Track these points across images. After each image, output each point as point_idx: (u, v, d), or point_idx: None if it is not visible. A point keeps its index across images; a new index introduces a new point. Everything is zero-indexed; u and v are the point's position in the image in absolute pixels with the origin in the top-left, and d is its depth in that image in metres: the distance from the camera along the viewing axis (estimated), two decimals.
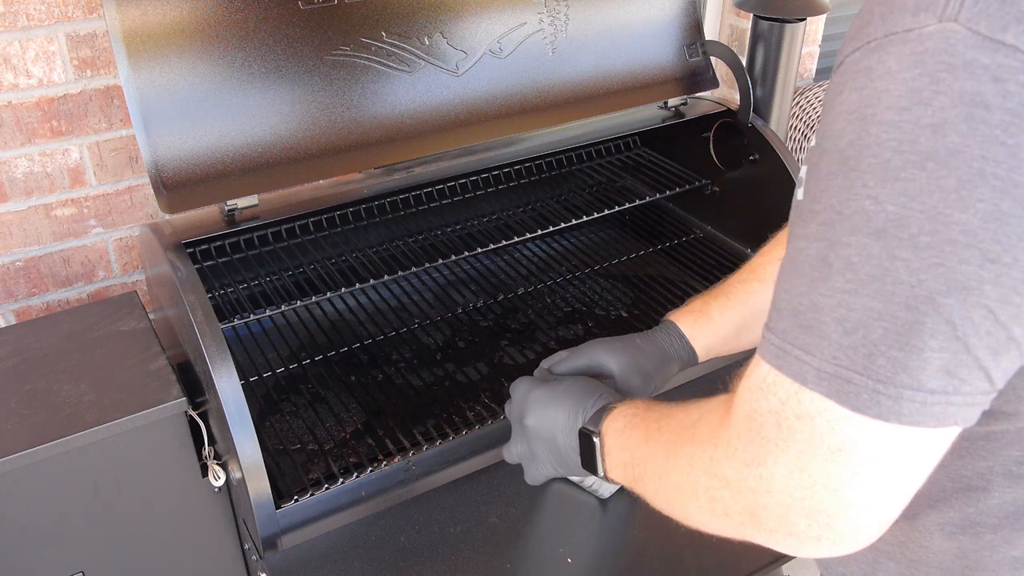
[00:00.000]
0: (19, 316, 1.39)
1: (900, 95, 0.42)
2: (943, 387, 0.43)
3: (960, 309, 0.42)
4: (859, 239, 0.44)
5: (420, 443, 1.07)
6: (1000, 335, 0.43)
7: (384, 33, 1.14)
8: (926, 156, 0.41)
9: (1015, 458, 0.52)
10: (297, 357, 1.27)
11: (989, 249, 0.41)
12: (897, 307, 0.43)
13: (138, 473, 1.07)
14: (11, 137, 1.26)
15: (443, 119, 1.20)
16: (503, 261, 1.52)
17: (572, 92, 1.31)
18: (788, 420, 0.48)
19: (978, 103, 0.40)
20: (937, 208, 0.41)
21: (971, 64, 0.40)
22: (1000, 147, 0.40)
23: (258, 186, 1.09)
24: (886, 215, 0.42)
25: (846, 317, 0.44)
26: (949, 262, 0.41)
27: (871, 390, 0.44)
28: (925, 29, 0.42)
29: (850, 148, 0.44)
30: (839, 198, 0.45)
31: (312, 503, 0.99)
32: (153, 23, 1.00)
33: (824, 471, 0.47)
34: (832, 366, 0.45)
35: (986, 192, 0.40)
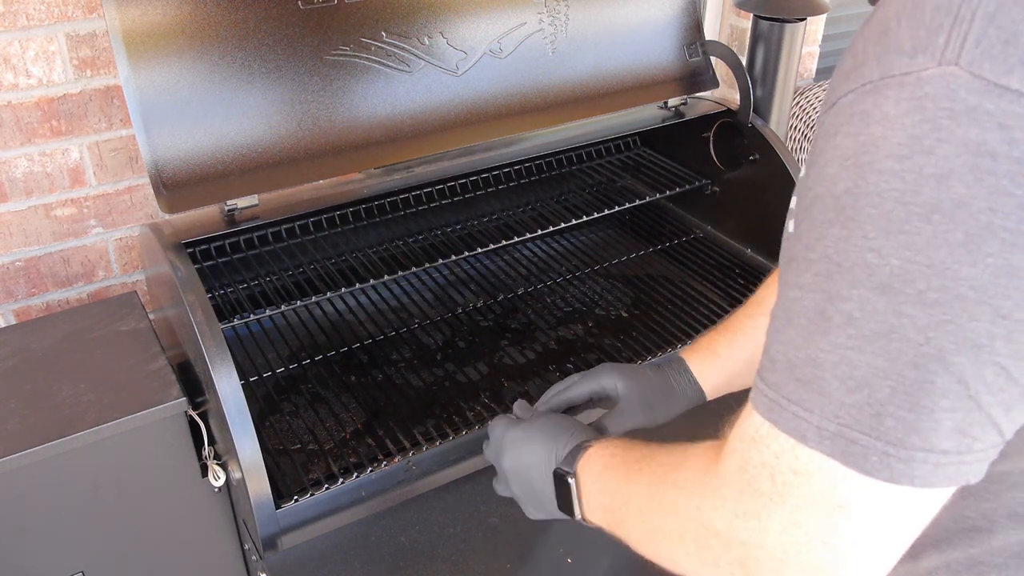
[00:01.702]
0: (19, 316, 1.39)
1: (900, 143, 0.40)
2: (956, 447, 0.42)
3: (971, 367, 0.40)
4: (861, 293, 0.42)
5: (420, 443, 1.07)
6: (1013, 390, 0.41)
7: (384, 33, 1.14)
8: (931, 208, 0.39)
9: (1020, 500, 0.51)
10: (297, 357, 1.27)
11: (1000, 305, 0.39)
12: (904, 366, 0.41)
13: (138, 473, 1.07)
14: (11, 137, 1.26)
15: (443, 119, 1.20)
16: (503, 261, 1.52)
17: (572, 92, 1.31)
18: (783, 475, 0.46)
19: (983, 152, 0.38)
20: (945, 263, 0.39)
21: (975, 110, 0.38)
22: (1008, 198, 0.38)
23: (258, 186, 1.09)
24: (890, 269, 0.41)
25: (849, 375, 0.43)
26: (959, 319, 0.40)
27: (880, 452, 0.42)
28: (924, 72, 0.40)
29: (847, 196, 0.42)
30: (836, 248, 0.43)
31: (312, 503, 0.99)
32: (153, 23, 1.00)
33: (822, 527, 0.45)
34: (835, 425, 0.43)
35: (995, 246, 0.39)
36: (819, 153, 0.45)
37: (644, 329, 1.33)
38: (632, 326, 1.35)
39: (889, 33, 0.42)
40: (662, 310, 1.37)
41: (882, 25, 0.43)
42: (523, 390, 1.22)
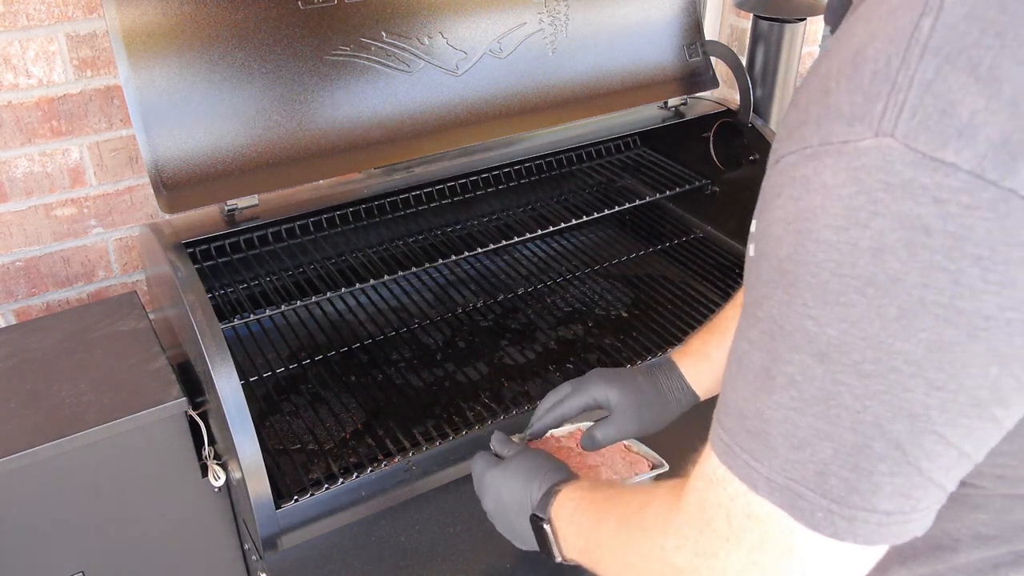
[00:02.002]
0: (19, 316, 1.39)
1: (837, 214, 0.40)
2: (899, 507, 0.43)
3: (908, 435, 0.41)
4: (802, 358, 0.42)
5: (420, 443, 1.07)
6: (951, 454, 0.42)
7: (384, 33, 1.14)
8: (866, 282, 0.39)
9: (983, 520, 0.52)
10: (297, 357, 1.27)
11: (934, 378, 0.39)
12: (844, 430, 0.42)
13: (138, 473, 1.07)
14: (11, 137, 1.26)
15: (443, 119, 1.20)
16: (503, 261, 1.52)
17: (572, 92, 1.31)
18: (738, 518, 0.47)
19: (918, 227, 0.38)
20: (879, 336, 0.40)
21: (910, 184, 0.37)
22: (942, 273, 0.38)
23: (258, 186, 1.09)
24: (828, 339, 0.41)
25: (793, 433, 0.43)
26: (894, 390, 0.40)
27: (825, 509, 0.43)
28: (861, 143, 0.39)
29: (788, 261, 0.42)
30: (779, 312, 0.43)
31: (312, 503, 0.99)
32: (153, 23, 1.00)
33: (778, 568, 0.46)
34: (783, 478, 0.44)
35: (928, 321, 0.38)
36: (765, 208, 0.45)
37: (644, 329, 1.33)
38: (632, 326, 1.35)
39: (830, 94, 0.41)
40: (662, 310, 1.37)
41: (824, 83, 0.42)
42: (523, 390, 1.22)
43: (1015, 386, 0.40)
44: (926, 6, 0.39)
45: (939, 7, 0.38)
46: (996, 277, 0.37)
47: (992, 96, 0.37)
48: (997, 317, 0.38)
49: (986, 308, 0.38)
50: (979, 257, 0.37)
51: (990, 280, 0.37)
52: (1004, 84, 0.36)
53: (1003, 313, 0.38)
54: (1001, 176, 0.36)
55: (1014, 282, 0.37)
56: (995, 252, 0.37)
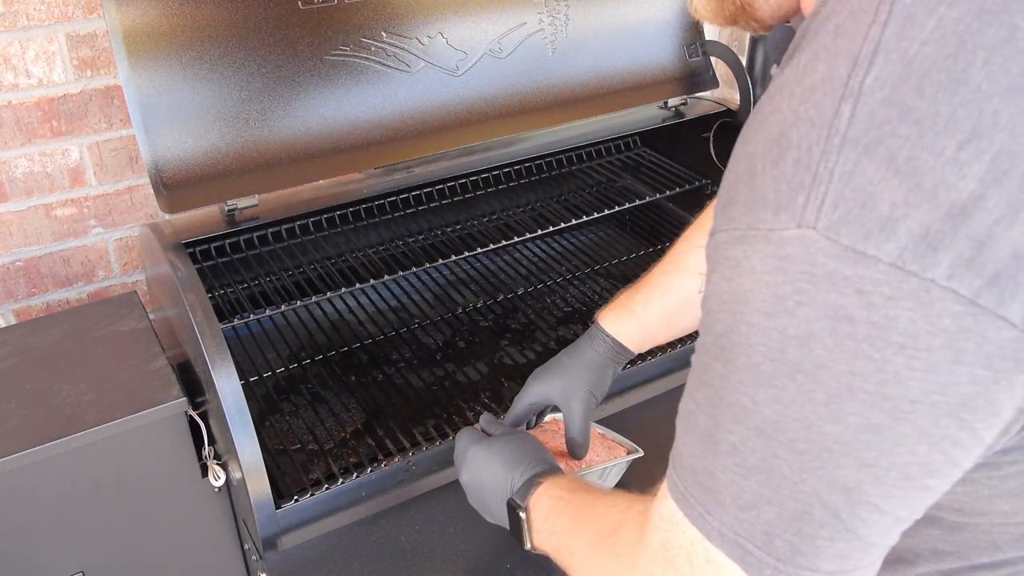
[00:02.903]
0: (19, 316, 1.39)
1: (765, 300, 0.41)
2: (841, 567, 0.44)
3: (844, 506, 0.42)
4: (741, 430, 0.44)
5: (420, 443, 1.07)
6: (887, 520, 0.43)
7: (384, 33, 1.14)
8: (794, 368, 0.40)
9: (938, 536, 0.53)
10: (297, 357, 1.27)
11: (864, 456, 0.40)
12: (785, 497, 0.43)
13: (138, 473, 1.07)
14: (11, 137, 1.26)
15: (443, 119, 1.20)
16: (503, 261, 1.52)
17: (572, 92, 1.31)
18: (699, 561, 0.48)
19: (842, 317, 0.38)
20: (809, 419, 0.41)
21: (832, 275, 0.38)
22: (867, 361, 0.38)
23: (258, 186, 1.09)
24: (763, 416, 0.42)
25: (739, 495, 0.44)
26: (827, 467, 0.41)
27: (772, 567, 0.44)
28: (785, 233, 0.40)
29: (724, 338, 0.44)
30: (720, 383, 0.44)
31: (312, 503, 0.99)
32: (153, 23, 1.00)
33: None
34: (732, 534, 0.45)
35: (855, 406, 0.39)
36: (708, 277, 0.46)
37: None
38: None
39: (756, 177, 0.42)
40: None
41: (751, 163, 0.43)
42: None
43: (945, 460, 0.40)
44: (846, 89, 0.39)
45: (859, 91, 0.38)
46: (920, 364, 0.38)
47: (911, 189, 0.37)
48: (922, 401, 0.38)
49: (911, 393, 0.38)
50: (903, 346, 0.38)
51: (914, 367, 0.38)
52: (923, 176, 0.37)
53: (928, 397, 0.38)
54: (922, 268, 0.37)
55: (937, 368, 0.38)
56: (918, 340, 0.37)
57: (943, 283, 0.37)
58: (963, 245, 0.36)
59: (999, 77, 0.37)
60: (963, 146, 0.37)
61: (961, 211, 0.36)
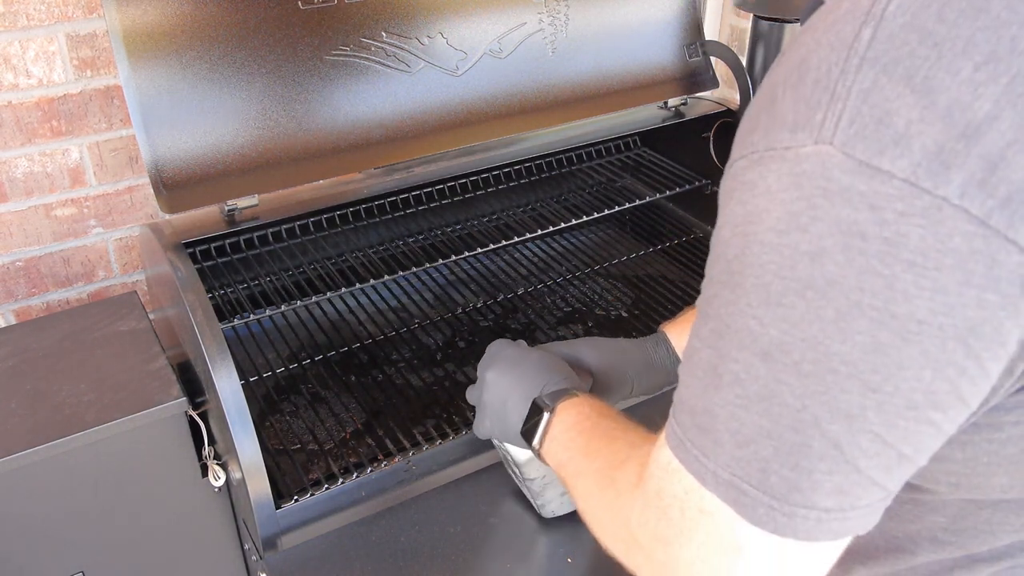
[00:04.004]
0: (19, 316, 1.39)
1: (779, 217, 0.41)
2: (838, 504, 0.43)
3: (846, 435, 0.41)
4: (746, 357, 0.43)
5: (420, 443, 1.07)
6: (890, 454, 0.42)
7: (384, 33, 1.14)
8: (805, 284, 0.40)
9: (940, 524, 0.53)
10: (297, 357, 1.27)
11: (869, 379, 0.40)
12: (784, 428, 0.42)
13: (138, 473, 1.07)
14: (11, 137, 1.26)
15: (443, 119, 1.20)
16: (503, 261, 1.52)
17: (572, 92, 1.31)
18: (691, 511, 0.47)
19: (854, 232, 0.39)
20: (817, 338, 0.41)
21: (847, 190, 0.39)
22: (876, 278, 0.39)
23: (258, 186, 1.09)
24: (769, 339, 0.42)
25: (738, 431, 0.44)
26: (831, 391, 0.41)
27: (766, 505, 0.44)
28: (802, 149, 0.40)
29: (735, 262, 0.44)
30: (727, 311, 0.44)
31: (312, 503, 0.99)
32: (153, 23, 1.00)
33: (726, 566, 0.47)
34: (727, 474, 0.45)
35: (863, 324, 0.39)
36: (720, 212, 0.46)
37: (644, 329, 1.33)
38: (632, 326, 1.35)
39: (776, 102, 0.43)
40: (662, 310, 1.37)
41: (772, 91, 0.43)
42: None
43: (950, 390, 0.40)
44: (868, 15, 0.40)
45: (880, 16, 0.39)
46: (928, 283, 0.38)
47: (927, 107, 0.37)
48: (930, 322, 0.38)
49: (919, 313, 0.38)
50: (912, 263, 0.38)
51: (923, 286, 0.38)
52: (939, 95, 0.37)
53: (935, 318, 0.38)
54: (934, 185, 0.37)
55: (945, 289, 0.38)
56: (928, 259, 0.38)
57: (955, 201, 0.37)
58: (975, 165, 0.37)
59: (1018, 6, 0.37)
60: (980, 68, 0.37)
61: (975, 131, 0.37)
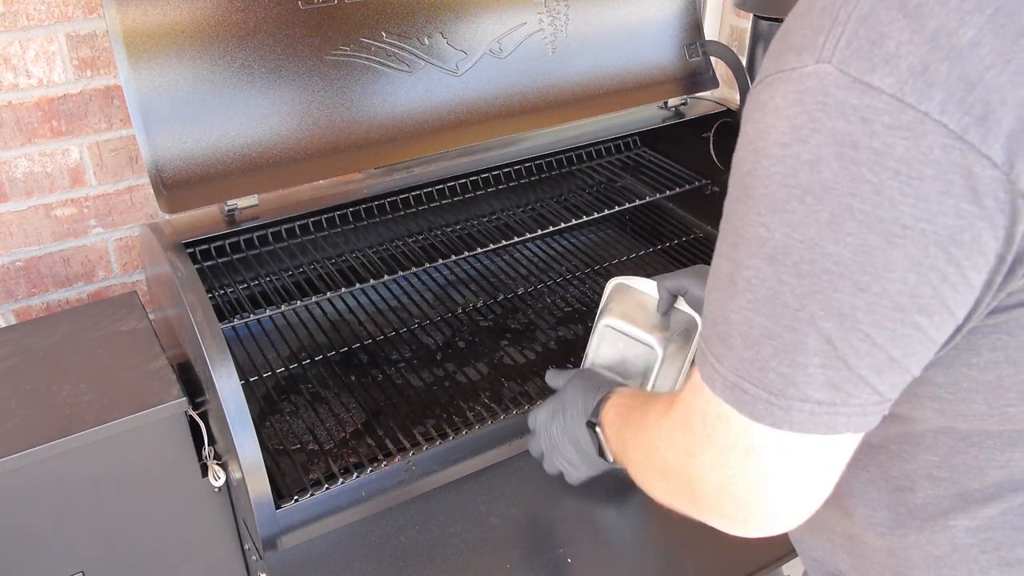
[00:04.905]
0: (19, 316, 1.39)
1: (784, 131, 0.45)
2: (830, 399, 0.47)
3: (838, 332, 0.45)
4: (756, 263, 0.47)
5: (420, 443, 1.07)
6: (880, 356, 0.46)
7: (384, 33, 1.14)
8: (804, 190, 0.44)
9: (933, 463, 0.56)
10: (297, 357, 1.27)
11: (859, 280, 0.44)
12: (784, 328, 0.47)
13: (138, 473, 1.07)
14: (11, 137, 1.26)
15: (443, 119, 1.20)
16: (503, 261, 1.52)
17: (572, 92, 1.31)
18: (711, 419, 0.52)
19: (848, 142, 0.42)
20: (814, 240, 0.44)
21: (842, 104, 0.42)
22: (865, 184, 0.42)
23: (258, 186, 1.09)
24: (775, 243, 0.46)
25: (747, 333, 0.48)
26: (825, 290, 0.45)
27: (765, 401, 0.48)
28: (805, 69, 0.44)
29: (748, 177, 0.48)
30: (741, 223, 0.48)
31: (312, 503, 0.99)
32: (153, 23, 1.00)
33: (742, 466, 0.51)
34: (734, 376, 0.50)
35: (854, 226, 0.43)
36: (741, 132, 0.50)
37: None
38: None
39: (788, 33, 0.47)
40: None
41: (786, 25, 0.48)
42: (523, 390, 1.22)
43: (933, 295, 0.44)
44: None
45: None
46: (911, 190, 0.42)
47: (916, 30, 0.41)
48: (912, 227, 0.42)
49: (903, 218, 0.42)
50: (897, 172, 0.42)
51: (906, 192, 0.42)
52: (928, 20, 0.41)
53: (918, 224, 0.42)
54: (918, 100, 0.41)
55: (927, 196, 0.42)
56: (911, 168, 0.41)
57: (936, 116, 0.41)
58: (956, 84, 0.40)
59: None
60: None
61: (958, 54, 0.41)
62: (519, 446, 1.12)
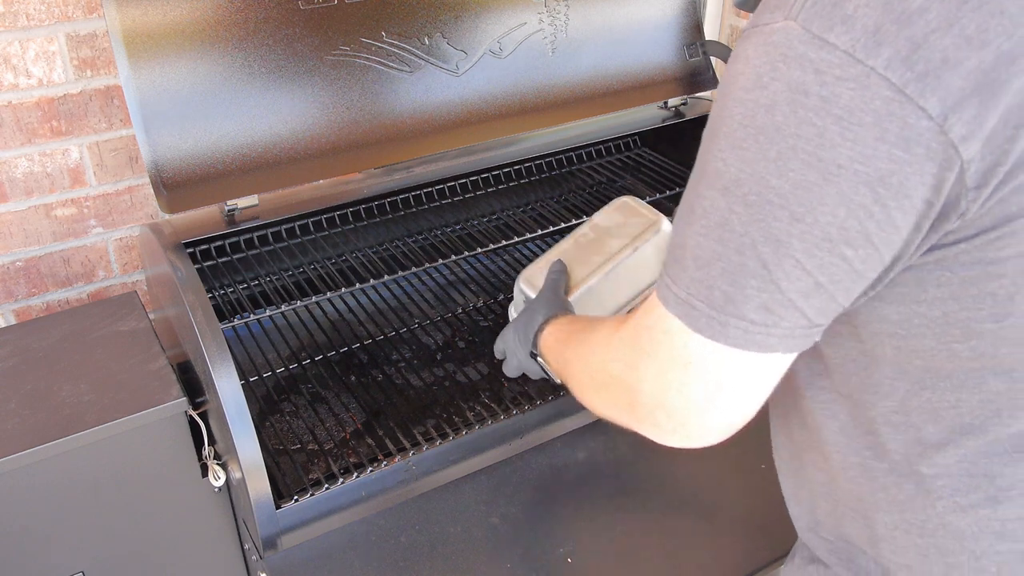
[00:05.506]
0: (19, 316, 1.39)
1: (749, 78, 0.51)
2: (763, 320, 0.53)
3: (774, 258, 0.51)
4: (712, 193, 0.53)
5: (420, 443, 1.07)
6: (808, 280, 0.51)
7: (384, 33, 1.14)
8: (758, 131, 0.50)
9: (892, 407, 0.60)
10: (297, 357, 1.27)
11: (796, 210, 0.49)
12: (731, 251, 0.52)
13: (138, 473, 1.07)
14: (11, 137, 1.26)
15: (443, 119, 1.20)
16: (503, 261, 1.52)
17: (572, 92, 1.31)
18: (657, 334, 0.58)
19: (800, 90, 0.48)
20: (761, 174, 0.50)
21: (801, 57, 0.48)
22: (811, 127, 0.48)
23: (258, 186, 1.09)
24: (729, 176, 0.52)
25: (699, 256, 0.54)
26: (766, 219, 0.50)
27: (707, 316, 0.54)
28: (775, 24, 0.50)
29: (716, 118, 0.54)
30: (704, 158, 0.55)
31: (312, 503, 0.99)
32: (153, 23, 1.00)
33: (679, 379, 0.57)
34: (685, 294, 0.55)
35: (797, 164, 0.49)
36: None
37: None
38: None
39: None
40: None
41: None
42: (523, 390, 1.22)
43: (859, 230, 0.49)
44: None
45: None
46: (851, 135, 0.47)
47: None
48: (847, 167, 0.48)
49: (840, 159, 0.48)
50: (840, 118, 0.47)
51: (846, 136, 0.47)
52: None
53: (852, 164, 0.47)
54: (867, 56, 0.46)
55: (863, 141, 0.47)
56: (853, 115, 0.47)
57: (880, 71, 0.46)
58: (903, 44, 0.46)
59: None
60: None
61: (908, 18, 0.46)
62: (519, 446, 1.12)
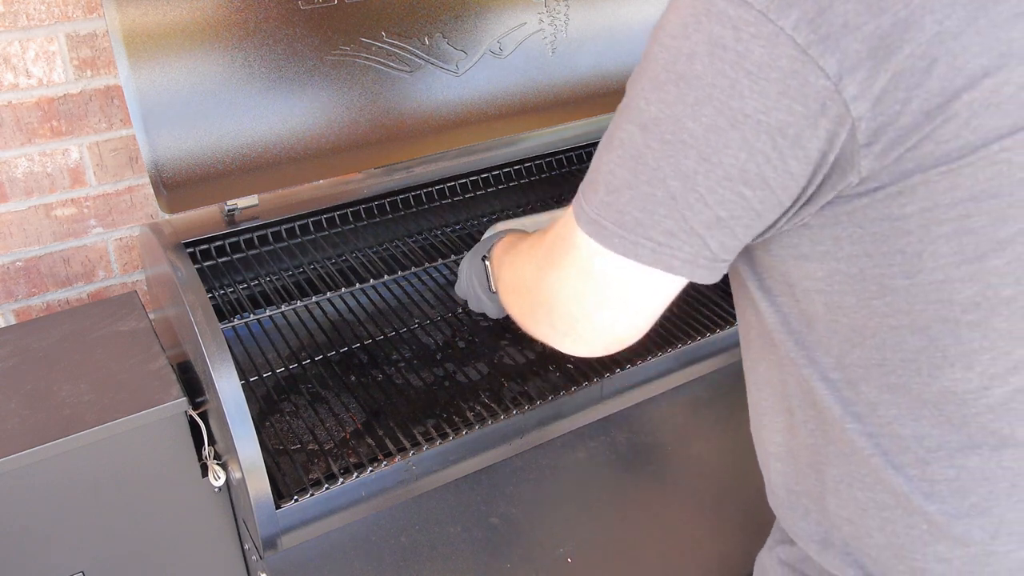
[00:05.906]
0: (19, 316, 1.39)
1: (676, 26, 0.55)
2: (668, 243, 0.58)
3: (681, 191, 0.56)
4: (631, 128, 0.58)
5: (420, 443, 1.07)
6: (709, 214, 0.56)
7: (384, 33, 1.14)
8: (679, 77, 0.54)
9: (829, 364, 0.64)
10: (297, 357, 1.27)
11: (703, 151, 0.54)
12: (642, 182, 0.57)
13: (138, 473, 1.07)
14: (11, 137, 1.26)
15: (443, 119, 1.20)
16: None
17: (572, 92, 1.31)
18: (566, 245, 0.63)
19: (718, 44, 0.52)
20: (678, 116, 0.55)
21: (721, 13, 0.52)
22: (724, 78, 0.52)
23: (258, 186, 1.09)
24: (649, 114, 0.57)
25: (610, 182, 0.59)
26: (678, 156, 0.55)
27: (619, 236, 0.59)
28: None
29: (644, 59, 0.58)
30: (629, 94, 0.59)
31: (312, 503, 0.99)
32: (153, 23, 1.00)
33: (578, 287, 0.63)
34: (595, 214, 0.60)
35: (709, 110, 0.53)
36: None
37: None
38: None
39: None
40: None
41: None
42: (523, 390, 1.22)
43: (757, 172, 0.54)
44: None
45: None
46: (759, 88, 0.52)
47: None
48: (752, 116, 0.53)
49: (747, 108, 0.53)
50: (751, 72, 0.52)
51: (754, 89, 0.52)
52: None
53: (757, 115, 0.52)
54: (778, 17, 0.50)
55: (768, 94, 0.52)
56: (761, 70, 0.51)
57: (788, 31, 0.50)
58: (810, 7, 0.50)
59: None
60: None
61: None
62: (519, 446, 1.12)
